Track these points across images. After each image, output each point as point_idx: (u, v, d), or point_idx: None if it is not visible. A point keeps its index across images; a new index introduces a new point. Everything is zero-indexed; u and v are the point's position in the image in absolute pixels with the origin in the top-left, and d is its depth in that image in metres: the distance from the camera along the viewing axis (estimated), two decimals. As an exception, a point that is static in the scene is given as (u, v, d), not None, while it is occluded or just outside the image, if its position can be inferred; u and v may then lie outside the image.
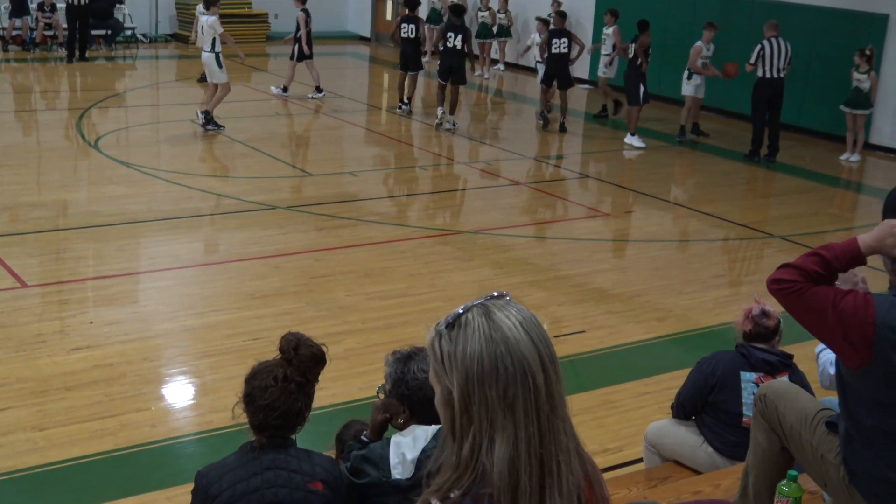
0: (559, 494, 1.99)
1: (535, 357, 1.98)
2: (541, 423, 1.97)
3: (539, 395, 1.97)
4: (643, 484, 5.03)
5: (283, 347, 3.59)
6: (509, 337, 1.98)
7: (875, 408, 3.53)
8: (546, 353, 2.01)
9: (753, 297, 5.26)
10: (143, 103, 17.73)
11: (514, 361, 1.97)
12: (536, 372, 1.98)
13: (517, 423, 1.96)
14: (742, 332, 5.16)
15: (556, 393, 2.01)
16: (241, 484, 3.41)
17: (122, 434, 6.28)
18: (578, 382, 7.47)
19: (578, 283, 9.50)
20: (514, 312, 2.02)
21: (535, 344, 1.99)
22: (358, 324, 8.17)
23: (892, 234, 3.48)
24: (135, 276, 9.19)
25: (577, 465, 2.05)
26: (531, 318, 2.03)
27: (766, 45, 14.84)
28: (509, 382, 1.96)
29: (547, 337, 2.04)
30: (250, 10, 25.33)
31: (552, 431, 1.99)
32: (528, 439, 1.96)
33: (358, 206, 11.80)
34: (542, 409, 1.98)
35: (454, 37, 15.95)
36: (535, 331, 2.01)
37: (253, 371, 3.62)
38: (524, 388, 1.97)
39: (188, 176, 12.54)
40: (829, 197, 13.85)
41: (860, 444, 3.61)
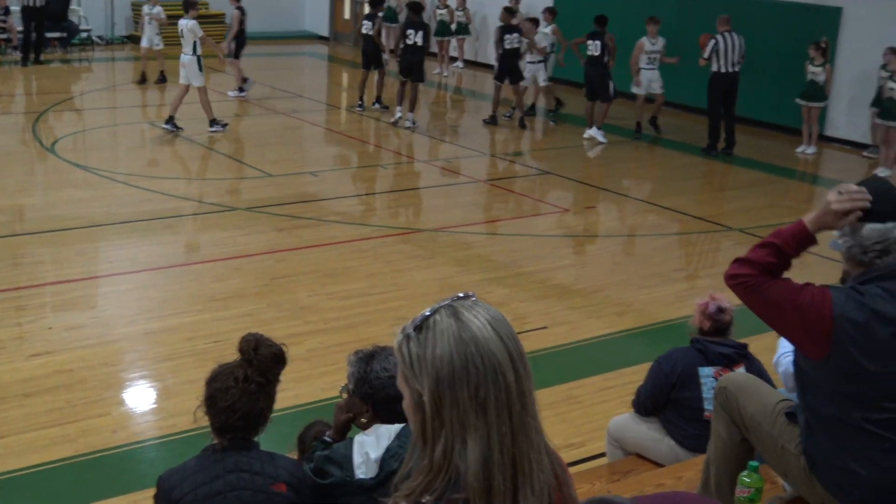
0: (531, 493, 1.98)
1: (505, 355, 1.98)
2: (513, 422, 1.97)
3: (510, 393, 1.96)
4: (606, 478, 5.06)
5: (243, 348, 3.57)
6: (478, 336, 1.97)
7: (834, 398, 3.57)
8: (515, 350, 2.00)
9: (708, 293, 5.25)
10: (99, 106, 17.57)
11: (484, 360, 1.96)
12: (507, 370, 1.97)
13: (489, 423, 1.95)
14: (699, 328, 5.19)
15: (526, 390, 2.00)
16: (203, 487, 3.39)
17: (82, 440, 6.23)
18: (541, 378, 7.45)
19: (540, 279, 9.53)
20: (482, 312, 2.01)
21: (504, 342, 1.99)
22: (320, 324, 8.15)
23: (829, 212, 3.53)
24: (94, 280, 9.11)
25: (546, 462, 2.04)
26: (499, 317, 2.03)
27: (720, 39, 14.97)
28: (480, 382, 1.95)
29: (515, 334, 2.04)
30: (207, 11, 25.14)
31: (524, 429, 1.98)
32: (500, 439, 1.95)
33: (318, 205, 11.77)
34: (514, 407, 1.97)
35: (414, 34, 15.97)
36: (503, 329, 2.01)
37: (213, 373, 3.60)
38: (495, 387, 1.96)
39: (147, 178, 12.44)
40: (786, 189, 13.99)
41: (820, 435, 3.65)
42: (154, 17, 18.22)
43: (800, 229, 3.58)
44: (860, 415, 3.53)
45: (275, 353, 3.58)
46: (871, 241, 3.53)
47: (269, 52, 23.69)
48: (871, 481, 3.54)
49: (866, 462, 3.54)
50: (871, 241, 3.53)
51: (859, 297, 3.49)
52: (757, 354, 5.26)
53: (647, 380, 5.28)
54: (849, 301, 3.48)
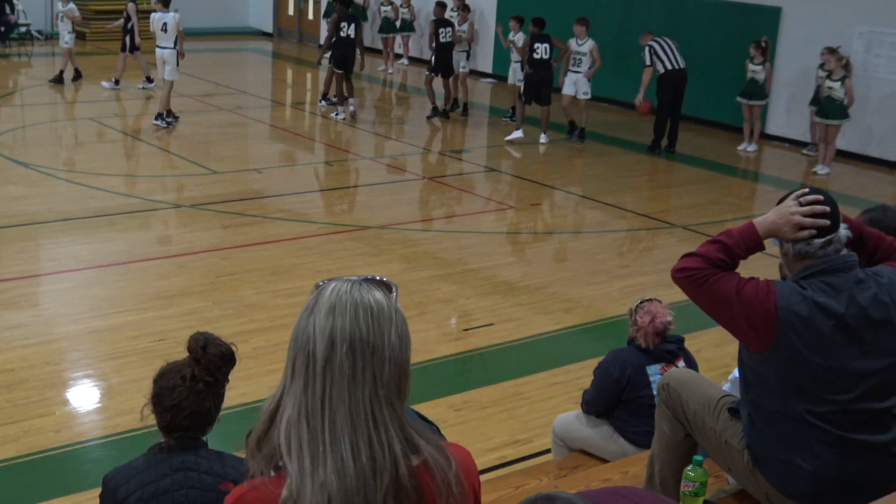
0: (326, 465, 2.07)
1: (325, 328, 2.10)
2: (315, 388, 2.10)
3: (315, 364, 2.10)
4: (553, 474, 5.09)
5: (191, 347, 3.54)
6: (314, 308, 2.12)
7: (777, 392, 3.62)
8: (342, 327, 2.09)
9: (647, 311, 5.17)
10: (39, 102, 17.30)
11: (304, 332, 2.12)
12: (319, 343, 2.10)
13: (295, 389, 2.13)
14: (643, 344, 5.16)
15: (339, 365, 2.09)
16: (150, 486, 3.36)
17: (24, 440, 6.14)
18: (488, 375, 7.54)
19: (486, 276, 9.57)
20: (344, 289, 2.13)
21: (332, 315, 2.10)
22: (266, 322, 8.11)
23: (787, 222, 3.59)
24: (35, 278, 8.99)
25: (385, 450, 2.09)
26: (354, 296, 2.11)
27: (655, 44, 15.16)
28: (298, 350, 2.13)
29: (360, 314, 2.10)
30: (149, 7, 24.86)
31: (324, 398, 2.09)
32: (298, 400, 2.11)
33: (264, 203, 11.71)
34: (316, 378, 2.10)
35: (347, 26, 16.06)
36: (344, 304, 2.10)
37: (161, 371, 3.57)
38: (303, 362, 2.12)
39: (89, 175, 12.29)
40: (728, 186, 14.17)
41: (763, 429, 3.70)
42: (67, 15, 17.73)
43: (750, 232, 3.64)
44: (803, 408, 3.58)
45: (224, 352, 3.55)
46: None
47: (213, 49, 23.49)
48: (813, 474, 3.60)
49: (809, 455, 3.60)
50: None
51: (803, 290, 3.56)
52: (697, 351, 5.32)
53: (595, 386, 5.25)
54: (793, 294, 3.54)
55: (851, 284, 3.58)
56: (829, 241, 3.61)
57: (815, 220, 3.57)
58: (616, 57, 18.67)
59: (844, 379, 3.56)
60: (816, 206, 3.59)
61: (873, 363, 3.58)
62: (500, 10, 20.47)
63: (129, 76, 18.34)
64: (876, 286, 3.61)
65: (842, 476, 3.60)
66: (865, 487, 3.62)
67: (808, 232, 3.58)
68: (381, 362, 2.11)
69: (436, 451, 2.17)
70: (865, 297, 3.58)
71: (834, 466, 3.59)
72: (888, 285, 3.64)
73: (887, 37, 15.18)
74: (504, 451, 6.29)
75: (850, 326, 3.55)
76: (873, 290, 3.59)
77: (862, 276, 3.62)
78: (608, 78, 18.75)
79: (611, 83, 18.63)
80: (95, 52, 22.11)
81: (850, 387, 3.56)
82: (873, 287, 3.60)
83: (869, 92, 15.24)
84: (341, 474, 2.06)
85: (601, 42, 18.92)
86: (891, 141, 15.20)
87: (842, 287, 3.57)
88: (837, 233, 3.64)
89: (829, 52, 14.48)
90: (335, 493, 2.05)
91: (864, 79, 15.05)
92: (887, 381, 3.62)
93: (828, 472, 3.59)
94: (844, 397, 3.56)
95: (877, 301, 3.59)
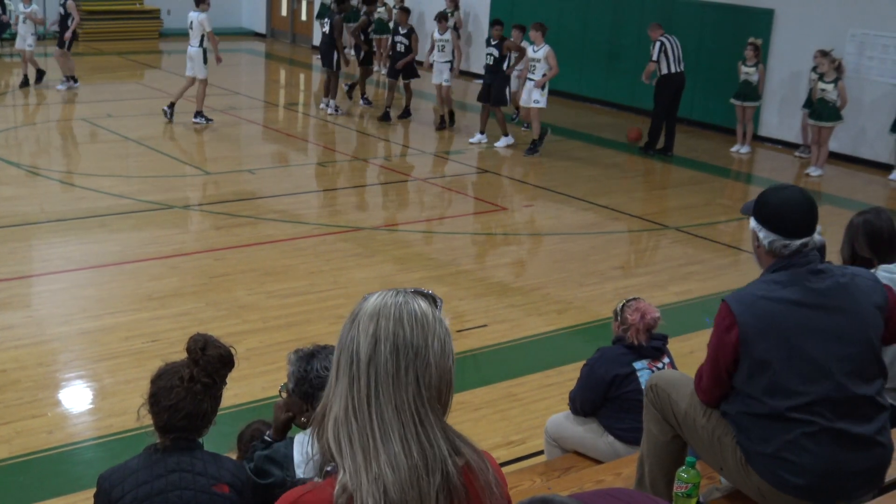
0: (379, 459, 2.08)
1: (370, 327, 2.12)
2: (360, 385, 2.11)
3: (360, 363, 2.11)
4: (546, 475, 5.09)
5: (190, 348, 3.54)
6: (360, 312, 2.15)
7: (757, 397, 3.71)
8: (386, 327, 2.12)
9: (636, 308, 5.16)
10: (32, 102, 17.27)
11: (350, 334, 2.14)
12: (363, 342, 2.12)
13: (341, 387, 2.14)
14: (633, 342, 5.17)
15: (383, 364, 2.10)
16: (144, 486, 3.36)
17: (17, 441, 6.13)
18: (481, 376, 7.53)
19: (479, 277, 9.57)
20: (391, 296, 2.16)
21: (377, 317, 2.13)
22: (259, 323, 8.10)
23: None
24: (27, 279, 8.96)
25: (435, 448, 2.11)
26: (399, 302, 2.14)
27: (666, 41, 15.08)
28: (341, 353, 2.15)
29: (404, 317, 2.13)
30: (142, 7, 24.88)
31: (370, 395, 2.10)
32: (344, 398, 2.12)
33: (257, 203, 11.69)
34: (361, 376, 2.11)
35: (326, 23, 16.71)
36: (389, 308, 2.13)
37: (159, 372, 3.57)
38: (348, 361, 2.13)
39: (81, 176, 12.27)
40: (721, 188, 14.19)
41: (752, 429, 3.74)
42: (29, 17, 17.40)
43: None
44: (784, 405, 3.64)
45: (222, 354, 3.55)
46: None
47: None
48: (803, 467, 3.64)
49: (797, 448, 3.64)
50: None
51: (754, 292, 3.71)
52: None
53: (581, 385, 5.27)
54: (744, 300, 3.70)
55: (806, 275, 3.69)
56: (805, 244, 3.71)
57: None
58: (608, 58, 18.73)
59: (815, 368, 3.63)
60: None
61: (841, 350, 3.66)
62: (493, 12, 20.47)
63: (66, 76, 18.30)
64: (835, 277, 3.72)
65: (831, 467, 3.64)
66: (856, 477, 3.68)
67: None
68: (423, 365, 2.13)
69: (475, 454, 2.20)
70: (820, 286, 3.69)
71: (822, 458, 3.63)
72: (851, 275, 3.77)
73: (880, 39, 15.21)
74: (497, 452, 6.28)
75: (806, 314, 3.64)
76: (830, 280, 3.71)
77: (820, 268, 3.73)
78: (600, 79, 18.82)
79: (603, 84, 18.67)
80: (88, 52, 22.06)
81: (824, 375, 3.63)
82: (830, 278, 3.71)
83: (861, 94, 15.27)
84: (395, 468, 2.07)
85: (593, 43, 19.03)
86: (883, 143, 15.23)
87: (795, 278, 3.69)
88: (812, 238, 3.74)
89: (822, 54, 14.51)
90: (391, 486, 2.06)
91: (856, 81, 15.08)
92: (862, 367, 3.69)
93: (817, 464, 3.63)
94: (821, 387, 3.63)
95: (834, 288, 3.69)
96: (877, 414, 3.71)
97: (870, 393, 3.68)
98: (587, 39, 19.01)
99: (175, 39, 24.22)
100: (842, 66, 14.43)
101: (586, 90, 19.28)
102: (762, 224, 3.77)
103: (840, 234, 5.33)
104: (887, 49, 15.16)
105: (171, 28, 24.62)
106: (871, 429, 3.68)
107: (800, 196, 3.82)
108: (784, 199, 3.81)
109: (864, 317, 3.71)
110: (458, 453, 2.17)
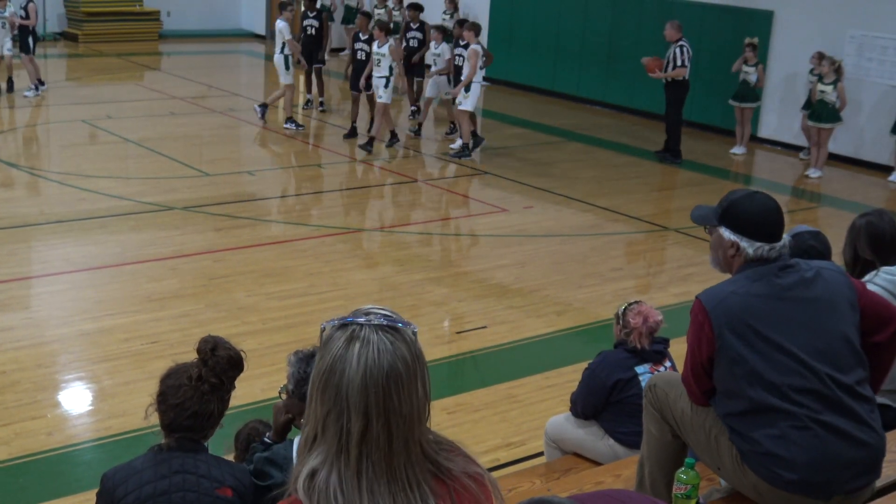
0: None
1: (360, 404, 2.03)
2: (349, 462, 2.04)
3: (350, 437, 2.04)
4: (546, 476, 5.09)
5: (201, 348, 3.57)
6: (346, 374, 2.04)
7: (739, 395, 3.74)
8: (378, 403, 2.04)
9: (638, 312, 5.17)
10: (31, 104, 17.25)
11: (337, 397, 2.04)
12: (354, 417, 2.03)
13: (328, 448, 2.06)
14: (637, 346, 5.16)
15: (375, 442, 2.05)
16: (147, 486, 3.37)
17: (16, 443, 6.13)
18: (480, 378, 7.53)
19: (479, 278, 9.57)
20: (371, 353, 2.05)
21: (366, 392, 2.03)
22: (258, 324, 8.10)
23: None
24: (27, 280, 8.96)
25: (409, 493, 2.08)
26: (385, 365, 2.05)
27: (687, 44, 14.90)
28: (329, 410, 2.05)
29: (392, 387, 2.05)
30: (142, 8, 24.87)
31: (360, 473, 2.05)
32: (330, 468, 2.05)
33: (256, 205, 11.69)
34: (352, 451, 2.04)
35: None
36: (375, 378, 2.04)
37: (168, 371, 3.60)
38: (336, 426, 2.05)
39: (81, 177, 12.27)
40: (721, 189, 14.14)
41: (743, 427, 3.76)
42: (9, 20, 16.96)
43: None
44: (765, 397, 3.66)
45: (232, 356, 3.59)
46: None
47: (205, 51, 23.47)
48: (795, 462, 3.64)
49: (787, 443, 3.65)
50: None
51: (725, 289, 3.78)
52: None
53: (582, 388, 5.27)
54: (716, 297, 3.77)
55: (775, 271, 3.77)
56: (772, 247, 3.79)
57: None
58: (607, 60, 18.73)
59: (791, 358, 3.67)
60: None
61: (814, 341, 3.70)
62: (493, 15, 20.50)
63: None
64: (801, 272, 3.79)
65: (821, 459, 3.65)
66: (848, 468, 3.69)
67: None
68: (412, 425, 2.09)
69: (462, 474, 2.18)
70: (788, 280, 3.77)
71: (811, 450, 3.64)
72: (816, 269, 3.83)
73: (879, 40, 15.22)
74: (497, 453, 6.29)
75: (776, 307, 3.71)
76: (796, 275, 3.78)
77: (789, 264, 3.81)
78: (599, 81, 18.82)
79: (602, 86, 18.67)
80: (88, 53, 22.08)
81: (801, 365, 3.67)
82: (797, 273, 3.79)
83: (861, 96, 15.28)
84: None
85: (592, 45, 19.03)
86: (883, 144, 15.24)
87: (763, 274, 3.76)
88: (782, 241, 3.83)
89: (820, 56, 14.53)
90: None
91: (855, 82, 15.08)
92: (837, 358, 3.72)
93: (807, 457, 3.64)
94: (799, 378, 3.66)
95: (803, 282, 3.77)
96: (860, 404, 3.72)
97: (848, 382, 3.71)
98: (586, 41, 19.02)
99: (175, 41, 24.26)
100: (841, 67, 14.43)
101: (585, 92, 19.28)
102: (741, 233, 3.84)
103: (840, 235, 5.34)
104: (886, 50, 15.17)
105: (171, 30, 24.64)
106: (855, 419, 3.69)
107: (769, 199, 3.92)
108: (760, 205, 3.89)
109: (834, 308, 3.77)
110: (448, 475, 2.14)
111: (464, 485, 2.16)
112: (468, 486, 2.17)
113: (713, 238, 4.00)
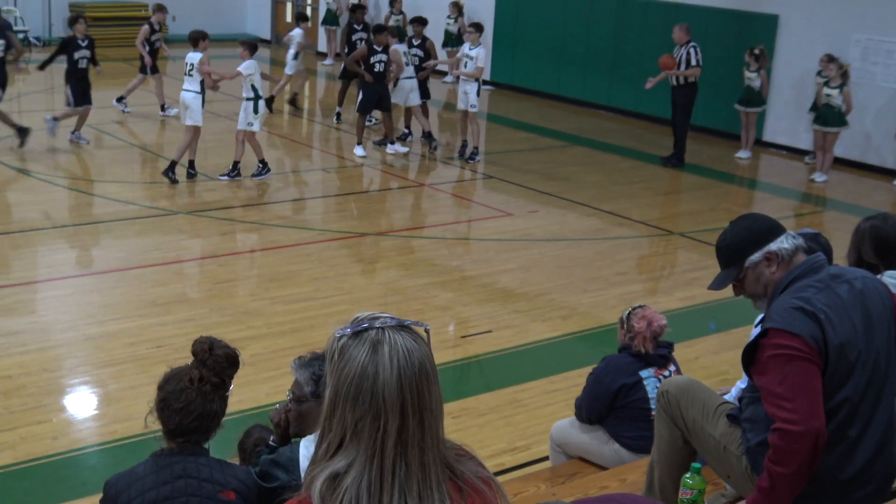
0: None
1: (396, 404, 2.06)
2: (383, 463, 2.05)
3: (387, 437, 2.05)
4: (551, 481, 5.09)
5: (197, 350, 3.57)
6: (380, 377, 2.05)
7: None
8: (413, 401, 2.07)
9: (642, 316, 5.16)
10: (37, 108, 17.28)
11: (372, 400, 2.05)
12: (391, 418, 2.05)
13: (359, 450, 2.06)
14: (641, 350, 5.16)
15: (411, 440, 2.07)
16: (150, 492, 3.36)
17: (22, 447, 6.13)
18: (486, 382, 7.53)
19: (484, 283, 9.56)
20: (401, 353, 2.08)
21: (402, 392, 2.06)
22: (263, 328, 8.10)
23: None
24: (32, 285, 8.98)
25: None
26: (416, 363, 2.08)
27: (698, 45, 14.87)
28: (363, 415, 2.06)
29: (424, 384, 2.09)
30: (148, 13, 24.89)
31: (395, 474, 2.06)
32: (365, 466, 2.05)
33: (261, 209, 11.70)
34: (387, 451, 2.06)
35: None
36: (409, 377, 2.07)
37: (166, 377, 3.58)
38: (373, 427, 2.06)
39: (87, 182, 12.29)
40: (725, 193, 14.16)
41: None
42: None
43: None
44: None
45: (229, 353, 3.60)
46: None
47: (210, 55, 23.45)
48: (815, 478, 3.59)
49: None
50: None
51: (804, 306, 3.55)
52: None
53: (587, 394, 5.27)
54: (802, 319, 3.52)
55: (829, 281, 3.65)
56: (796, 247, 3.73)
57: None
58: (612, 64, 18.72)
59: (861, 360, 3.57)
60: None
61: (874, 344, 3.61)
62: (498, 18, 20.50)
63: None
64: (851, 283, 3.68)
65: (838, 475, 3.61)
66: (864, 485, 3.62)
67: None
68: (439, 421, 2.13)
69: (473, 477, 2.20)
70: (847, 290, 3.63)
71: (830, 466, 3.59)
72: (862, 278, 3.72)
73: (884, 45, 15.20)
74: (502, 458, 6.28)
75: (854, 312, 3.59)
76: (848, 285, 3.66)
77: (836, 272, 3.71)
78: (604, 85, 18.81)
79: (606, 90, 18.67)
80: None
81: (857, 372, 3.56)
82: (847, 283, 3.67)
83: (866, 100, 15.25)
84: None
85: (597, 49, 19.02)
86: (888, 148, 15.22)
87: (824, 283, 3.63)
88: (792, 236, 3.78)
89: (828, 59, 14.50)
90: None
91: (860, 86, 15.06)
92: (879, 368, 3.64)
93: (824, 472, 3.59)
94: (846, 392, 3.55)
95: (855, 293, 3.64)
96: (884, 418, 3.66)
97: (880, 395, 3.64)
98: (591, 45, 19.01)
99: (181, 46, 24.25)
100: (848, 72, 14.42)
101: (590, 96, 19.28)
102: (761, 245, 3.74)
103: (845, 239, 5.33)
104: (891, 54, 15.15)
105: (177, 34, 24.61)
106: (879, 433, 3.64)
107: (753, 215, 3.99)
108: (752, 218, 3.92)
109: (882, 320, 3.67)
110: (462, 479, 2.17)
111: (475, 488, 2.18)
112: (480, 490, 2.18)
113: (749, 279, 3.83)
